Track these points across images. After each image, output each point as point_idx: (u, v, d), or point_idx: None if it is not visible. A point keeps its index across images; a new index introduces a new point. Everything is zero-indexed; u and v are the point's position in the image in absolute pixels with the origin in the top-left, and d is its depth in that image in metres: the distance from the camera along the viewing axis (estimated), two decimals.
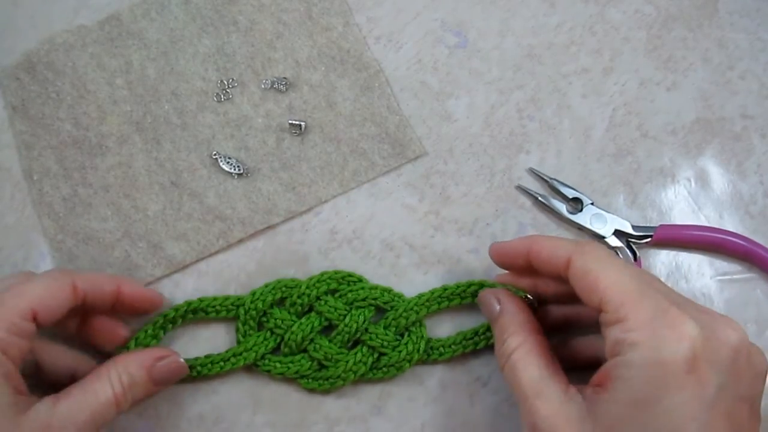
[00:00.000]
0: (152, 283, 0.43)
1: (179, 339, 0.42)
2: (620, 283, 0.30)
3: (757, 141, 0.43)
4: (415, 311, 0.40)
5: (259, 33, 0.46)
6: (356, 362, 0.39)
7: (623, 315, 0.29)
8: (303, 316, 0.40)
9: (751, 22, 0.45)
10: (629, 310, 0.29)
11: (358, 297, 0.40)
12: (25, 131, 0.45)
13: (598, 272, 0.30)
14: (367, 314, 0.40)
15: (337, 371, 0.39)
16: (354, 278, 0.41)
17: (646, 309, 0.29)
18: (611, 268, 0.31)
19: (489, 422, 0.40)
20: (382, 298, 0.40)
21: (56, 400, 0.32)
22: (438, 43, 0.46)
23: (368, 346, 0.40)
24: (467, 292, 0.40)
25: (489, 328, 0.39)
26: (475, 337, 0.40)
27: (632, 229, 0.41)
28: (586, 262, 0.31)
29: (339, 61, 0.46)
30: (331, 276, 0.41)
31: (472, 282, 0.40)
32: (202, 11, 0.47)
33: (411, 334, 0.40)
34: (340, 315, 0.40)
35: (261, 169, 0.44)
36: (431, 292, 0.40)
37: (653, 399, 0.28)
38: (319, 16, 0.46)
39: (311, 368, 0.40)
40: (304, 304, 0.40)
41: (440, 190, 0.44)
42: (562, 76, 0.45)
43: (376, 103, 0.45)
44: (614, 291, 0.30)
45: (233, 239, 0.43)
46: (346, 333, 0.40)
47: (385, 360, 0.40)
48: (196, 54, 0.46)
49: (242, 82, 0.46)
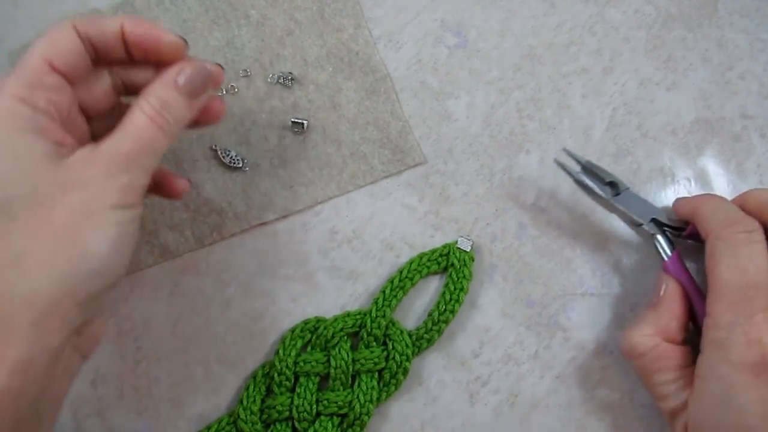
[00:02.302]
0: (143, 270, 0.43)
1: None
2: (728, 278, 0.31)
3: (757, 141, 0.43)
4: (381, 315, 0.40)
5: (270, 28, 0.46)
6: (367, 392, 0.39)
7: (712, 310, 0.31)
8: (294, 389, 0.40)
9: (751, 22, 0.45)
10: (718, 307, 0.31)
11: (329, 335, 0.40)
12: None
13: (717, 260, 0.32)
14: (345, 347, 0.40)
15: (356, 411, 0.39)
16: (311, 323, 0.41)
17: (734, 310, 0.30)
18: (732, 260, 0.32)
19: (489, 422, 0.40)
20: (349, 322, 0.40)
21: (97, 142, 0.30)
22: (438, 43, 0.46)
23: (366, 371, 0.40)
24: (413, 271, 0.41)
25: (450, 298, 0.40)
26: (445, 312, 0.40)
27: (668, 219, 0.40)
28: (715, 247, 0.32)
29: (347, 63, 0.46)
30: (297, 334, 0.41)
31: (412, 260, 0.41)
32: (215, 3, 0.47)
33: (392, 338, 0.40)
34: (323, 363, 0.40)
35: (260, 165, 0.44)
36: (385, 287, 0.41)
37: (725, 398, 0.29)
38: (331, 17, 0.46)
39: (333, 426, 0.40)
40: (290, 379, 0.40)
41: (440, 190, 0.44)
42: (562, 76, 0.45)
43: (381, 107, 0.45)
44: (720, 283, 0.31)
45: (227, 233, 0.43)
46: (341, 373, 0.39)
47: (387, 373, 0.40)
48: (207, 46, 0.46)
49: (249, 76, 0.46)
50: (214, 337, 0.42)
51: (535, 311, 0.42)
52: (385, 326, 0.40)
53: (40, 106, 0.29)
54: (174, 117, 0.32)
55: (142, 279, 0.43)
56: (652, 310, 0.36)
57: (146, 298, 0.43)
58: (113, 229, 0.29)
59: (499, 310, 0.42)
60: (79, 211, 0.28)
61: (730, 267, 0.31)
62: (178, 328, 0.42)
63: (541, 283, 0.42)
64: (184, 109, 0.32)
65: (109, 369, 0.42)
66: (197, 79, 0.33)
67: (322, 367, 0.40)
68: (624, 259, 0.42)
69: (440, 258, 0.42)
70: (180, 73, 0.32)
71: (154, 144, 0.31)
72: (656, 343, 0.35)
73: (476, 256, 0.42)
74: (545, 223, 0.43)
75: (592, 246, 0.42)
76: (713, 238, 0.33)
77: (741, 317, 0.30)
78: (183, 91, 0.32)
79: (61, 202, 0.28)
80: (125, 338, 0.42)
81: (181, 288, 0.43)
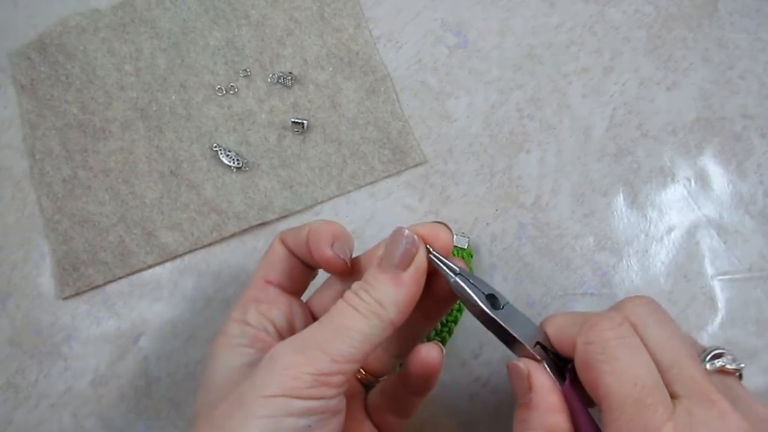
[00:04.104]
0: (143, 270, 0.43)
1: None
2: (618, 390, 0.25)
3: (757, 141, 0.43)
4: None
5: (270, 28, 0.46)
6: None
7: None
8: None
9: (751, 22, 0.45)
10: (619, 427, 0.25)
11: None
12: (31, 111, 0.45)
13: (598, 370, 0.26)
14: None
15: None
16: None
17: (638, 428, 0.25)
18: (614, 365, 0.26)
19: (489, 422, 0.40)
20: None
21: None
22: (438, 43, 0.46)
23: None
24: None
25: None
26: (453, 312, 0.40)
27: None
28: (588, 353, 0.26)
29: (347, 63, 0.46)
30: None
31: None
32: (215, 3, 0.47)
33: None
34: None
35: (260, 164, 0.44)
36: None
37: None
38: (331, 17, 0.46)
39: None
40: None
41: (440, 190, 0.44)
42: (562, 75, 0.45)
43: (381, 107, 0.45)
44: (610, 399, 0.25)
45: (226, 233, 0.43)
46: None
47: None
48: (207, 46, 0.46)
49: (249, 76, 0.46)
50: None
51: (535, 311, 0.42)
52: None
53: (250, 322, 0.31)
54: (377, 298, 0.28)
55: (142, 279, 0.43)
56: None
57: (146, 298, 0.43)
58: (262, 421, 0.25)
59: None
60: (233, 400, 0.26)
61: (615, 375, 0.25)
62: (178, 328, 0.42)
63: (541, 283, 0.42)
64: (389, 287, 0.28)
65: (109, 369, 0.42)
66: (394, 249, 0.29)
67: None
68: (624, 259, 0.42)
69: None
70: (379, 247, 0.30)
71: (349, 330, 0.27)
72: None
73: (476, 256, 0.42)
74: (545, 223, 0.43)
75: (592, 246, 0.42)
76: (582, 344, 0.27)
77: (642, 427, 0.24)
78: (383, 265, 0.29)
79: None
80: (125, 338, 0.42)
81: (181, 288, 0.43)
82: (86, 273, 0.43)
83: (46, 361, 0.42)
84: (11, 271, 0.44)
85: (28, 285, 0.44)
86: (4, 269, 0.44)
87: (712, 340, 0.40)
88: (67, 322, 0.43)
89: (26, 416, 0.42)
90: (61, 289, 0.43)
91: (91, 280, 0.43)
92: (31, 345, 0.43)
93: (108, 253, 0.43)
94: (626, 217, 0.42)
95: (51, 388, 0.42)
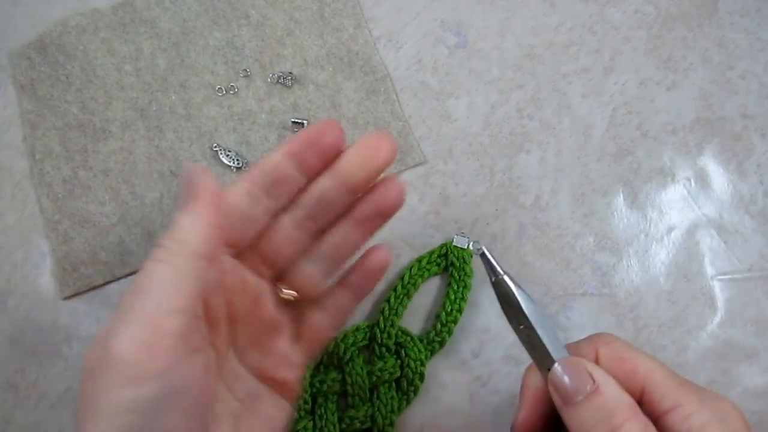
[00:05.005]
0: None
1: None
2: (657, 369, 0.28)
3: (757, 141, 0.43)
4: (390, 325, 0.40)
5: (270, 28, 0.46)
6: (387, 403, 0.39)
7: (678, 401, 0.27)
8: (313, 410, 0.40)
9: (751, 22, 0.45)
10: (680, 394, 0.27)
11: (341, 351, 0.40)
12: (31, 110, 0.45)
13: (634, 359, 0.28)
14: (359, 361, 0.40)
15: (379, 424, 0.39)
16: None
17: (690, 392, 0.28)
18: (641, 354, 0.29)
19: (489, 422, 0.40)
20: (360, 336, 0.40)
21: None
22: (438, 43, 0.46)
23: (383, 383, 0.40)
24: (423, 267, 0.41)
25: (455, 297, 0.40)
26: (453, 312, 0.40)
27: None
28: (617, 350, 0.29)
29: (347, 63, 0.46)
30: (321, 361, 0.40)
31: (411, 265, 0.41)
32: (215, 3, 0.47)
33: (404, 346, 0.40)
34: (339, 381, 0.40)
35: None
36: (388, 296, 0.41)
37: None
38: (331, 17, 0.46)
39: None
40: (308, 401, 0.40)
41: (440, 190, 0.44)
42: (562, 75, 0.45)
43: (381, 107, 0.45)
44: (656, 377, 0.28)
45: None
46: (359, 388, 0.39)
47: (404, 381, 0.40)
48: (207, 47, 0.46)
49: (249, 76, 0.46)
50: None
51: None
52: (395, 335, 0.40)
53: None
54: (177, 238, 0.27)
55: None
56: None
57: None
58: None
59: (499, 310, 0.42)
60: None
61: (648, 357, 0.28)
62: None
63: (541, 283, 0.42)
64: (185, 221, 0.27)
65: None
66: (183, 186, 0.28)
67: (338, 385, 0.40)
68: (624, 259, 0.42)
69: (439, 259, 0.41)
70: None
71: (160, 286, 0.26)
72: None
73: (476, 255, 0.42)
74: (545, 223, 0.43)
75: (592, 246, 0.42)
76: (605, 347, 0.29)
77: (697, 392, 0.27)
78: (178, 206, 0.28)
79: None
80: None
81: None
82: (86, 273, 0.43)
83: (46, 361, 0.42)
84: (11, 271, 0.44)
85: (28, 285, 0.44)
86: (4, 269, 0.44)
87: (712, 340, 0.40)
88: (67, 322, 0.43)
89: (26, 416, 0.42)
90: (61, 289, 0.43)
91: (91, 280, 0.43)
92: (31, 345, 0.43)
93: (108, 253, 0.43)
94: (626, 217, 0.42)
95: (51, 388, 0.42)
